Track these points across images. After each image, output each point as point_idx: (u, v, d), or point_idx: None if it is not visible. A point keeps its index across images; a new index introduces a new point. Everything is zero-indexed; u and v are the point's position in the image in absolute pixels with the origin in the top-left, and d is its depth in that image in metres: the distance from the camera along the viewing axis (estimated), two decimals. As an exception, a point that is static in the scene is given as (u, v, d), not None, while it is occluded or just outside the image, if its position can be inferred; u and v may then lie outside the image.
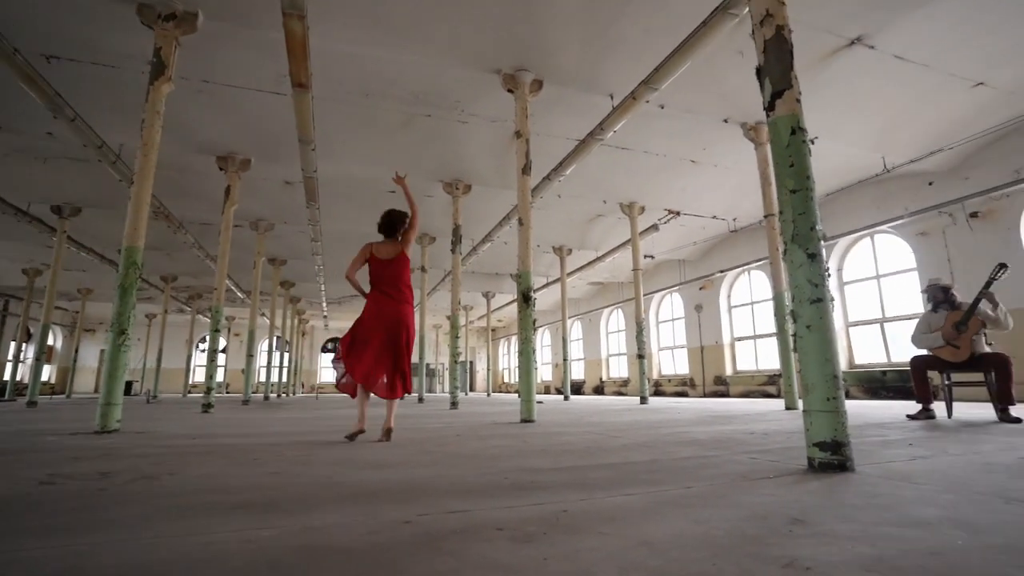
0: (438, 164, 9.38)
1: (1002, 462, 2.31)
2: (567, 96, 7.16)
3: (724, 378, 14.64)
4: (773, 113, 2.49)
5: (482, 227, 12.27)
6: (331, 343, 34.17)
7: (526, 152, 6.01)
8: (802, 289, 2.27)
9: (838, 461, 2.11)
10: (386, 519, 1.51)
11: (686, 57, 5.48)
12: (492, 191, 10.30)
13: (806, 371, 2.22)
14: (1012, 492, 1.71)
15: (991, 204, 8.52)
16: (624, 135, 8.26)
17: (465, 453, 3.00)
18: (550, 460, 2.67)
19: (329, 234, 13.06)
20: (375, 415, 5.39)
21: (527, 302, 5.74)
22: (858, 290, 11.25)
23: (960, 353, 4.69)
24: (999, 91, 7.23)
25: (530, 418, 5.45)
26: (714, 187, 10.63)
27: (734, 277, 14.91)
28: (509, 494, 1.85)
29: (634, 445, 3.25)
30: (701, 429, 4.27)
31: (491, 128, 8.09)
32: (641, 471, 2.28)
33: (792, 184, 2.37)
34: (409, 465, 2.57)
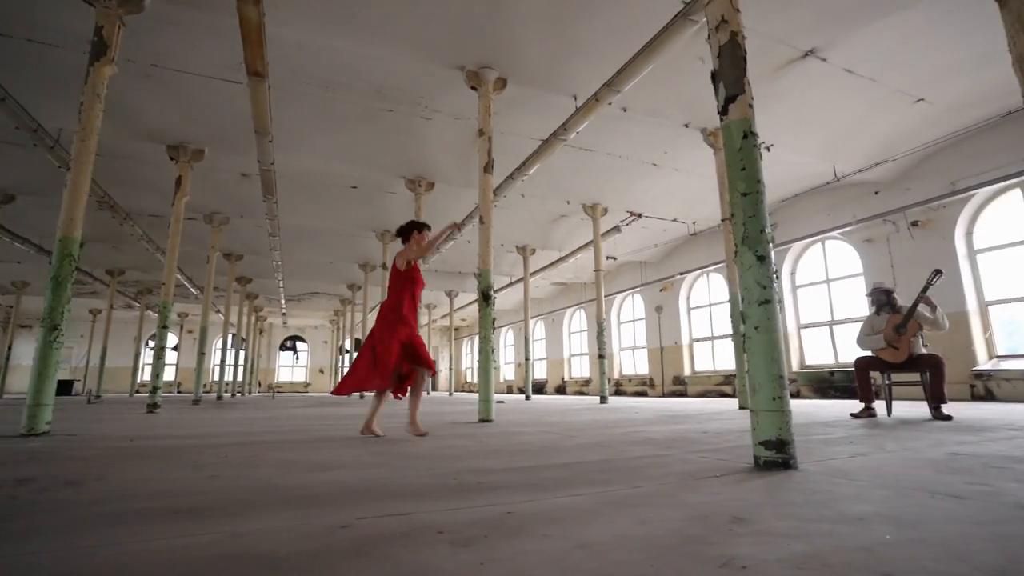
0: (401, 160, 9.24)
1: (931, 458, 2.42)
2: (531, 95, 7.16)
3: (683, 378, 14.96)
4: (727, 117, 2.53)
5: (445, 225, 12.15)
6: (291, 341, 33.32)
7: (488, 150, 5.97)
8: (751, 291, 2.32)
9: (782, 459, 2.16)
10: (323, 523, 1.44)
11: (648, 61, 5.56)
12: (455, 189, 10.22)
13: (754, 371, 2.27)
14: (938, 486, 1.78)
15: (930, 214, 8.99)
16: (587, 136, 8.33)
17: (417, 454, 2.93)
18: (503, 460, 2.64)
19: (288, 229, 12.70)
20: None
21: (487, 301, 5.70)
22: (809, 293, 11.68)
23: (899, 354, 4.91)
24: (938, 108, 7.63)
25: (488, 418, 5.42)
26: (675, 190, 10.84)
27: (693, 279, 15.26)
28: (456, 496, 1.81)
29: (589, 445, 3.25)
30: (657, 428, 4.32)
31: (455, 125, 8.02)
32: (593, 471, 2.28)
33: (743, 187, 2.41)
34: (357, 466, 2.49)
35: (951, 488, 1.76)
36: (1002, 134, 7.91)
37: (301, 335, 33.20)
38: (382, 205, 11.42)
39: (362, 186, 10.46)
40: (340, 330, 25.17)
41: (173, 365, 28.03)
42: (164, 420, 6.00)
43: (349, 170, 9.70)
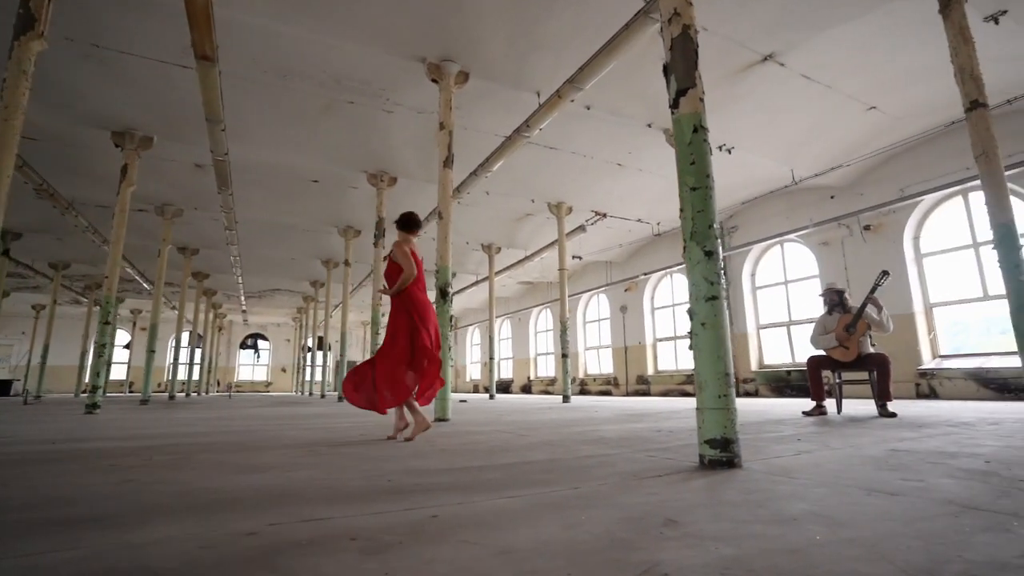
0: (362, 154, 9.02)
1: (872, 455, 2.44)
2: (495, 91, 7.07)
3: (646, 377, 15.12)
4: (677, 111, 2.50)
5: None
6: (251, 339, 32.36)
7: (448, 144, 5.86)
8: (699, 286, 2.29)
9: (727, 458, 2.13)
10: (229, 531, 1.32)
11: (610, 58, 5.54)
12: (419, 185, 10.05)
13: (700, 368, 2.23)
14: (874, 483, 1.77)
15: (881, 218, 9.30)
16: (552, 134, 8.30)
17: (359, 454, 2.81)
18: (447, 461, 2.54)
19: (246, 223, 12.28)
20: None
21: (444, 298, 5.59)
22: (768, 295, 11.95)
23: (849, 353, 5.02)
24: (889, 116, 7.88)
25: (444, 416, 5.31)
26: (639, 191, 10.92)
27: (657, 280, 15.44)
28: (385, 498, 1.70)
29: (540, 444, 3.19)
30: (612, 427, 4.30)
31: (418, 120, 7.86)
32: (536, 471, 2.20)
33: (692, 181, 2.38)
34: (291, 468, 2.36)
35: (886, 485, 1.76)
36: (947, 143, 8.23)
37: (263, 333, 32.29)
38: (344, 200, 11.15)
39: (323, 180, 10.18)
40: (303, 328, 24.55)
41: (124, 364, 26.84)
42: (101, 422, 5.67)
43: (309, 163, 9.42)
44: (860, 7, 5.68)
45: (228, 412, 7.54)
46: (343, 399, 11.74)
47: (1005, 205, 4.49)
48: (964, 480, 1.83)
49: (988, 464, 2.15)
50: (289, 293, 21.85)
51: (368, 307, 23.92)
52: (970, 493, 1.62)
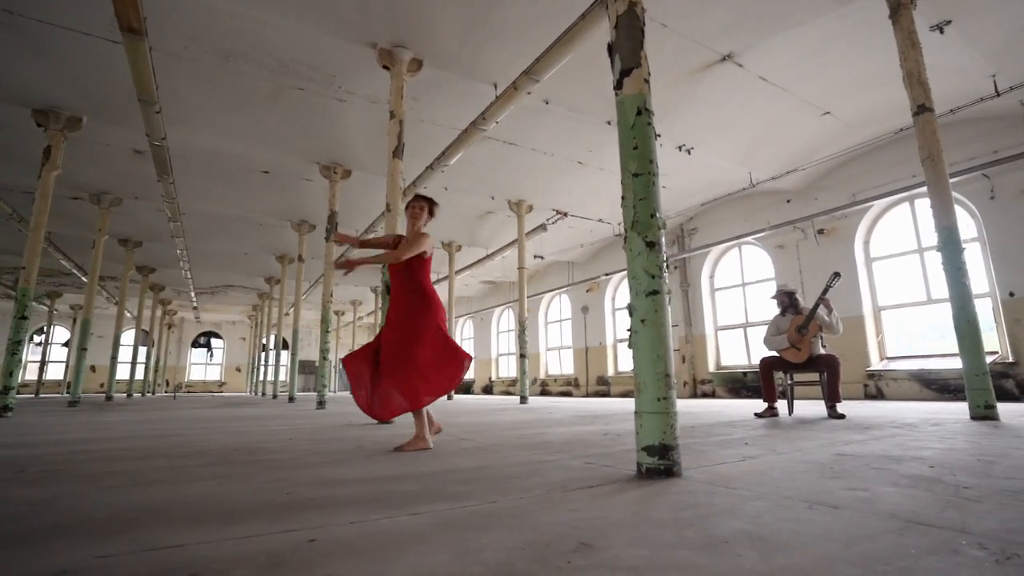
0: (314, 144, 8.63)
1: (818, 460, 2.32)
2: (451, 82, 6.84)
3: (606, 378, 15.11)
4: (621, 92, 2.33)
5: (365, 217, 11.57)
6: (204, 337, 31.06)
7: (399, 134, 5.59)
8: (639, 280, 2.12)
9: (664, 466, 1.96)
10: (42, 566, 1.06)
11: (566, 49, 5.38)
12: (375, 178, 9.70)
13: (639, 369, 2.06)
14: (817, 494, 1.63)
15: (834, 223, 9.48)
16: (512, 131, 8.11)
17: (276, 462, 2.54)
18: (364, 469, 2.30)
19: (193, 215, 11.66)
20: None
21: (389, 295, 5.30)
22: (726, 296, 12.08)
23: (801, 354, 5.00)
24: (841, 122, 8.01)
25: (388, 419, 5.03)
26: (600, 190, 10.86)
27: (619, 280, 15.47)
28: (270, 517, 1.46)
29: (475, 449, 2.97)
30: (560, 430, 4.12)
31: (372, 110, 7.54)
32: (456, 481, 1.99)
33: (635, 167, 2.21)
34: (185, 480, 2.08)
35: (829, 496, 1.61)
36: (895, 150, 8.44)
37: (216, 331, 31.04)
38: (297, 193, 10.70)
39: (274, 171, 9.71)
40: (259, 326, 23.66)
41: (61, 363, 25.33)
42: (4, 427, 5.17)
43: (259, 152, 8.96)
44: (812, 11, 5.69)
45: (163, 414, 7.05)
46: (293, 400, 11.24)
47: (949, 208, 4.53)
48: (908, 488, 1.70)
49: (932, 469, 2.05)
50: (244, 290, 21.01)
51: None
52: (915, 504, 1.49)
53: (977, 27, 5.89)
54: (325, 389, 8.16)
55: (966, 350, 4.31)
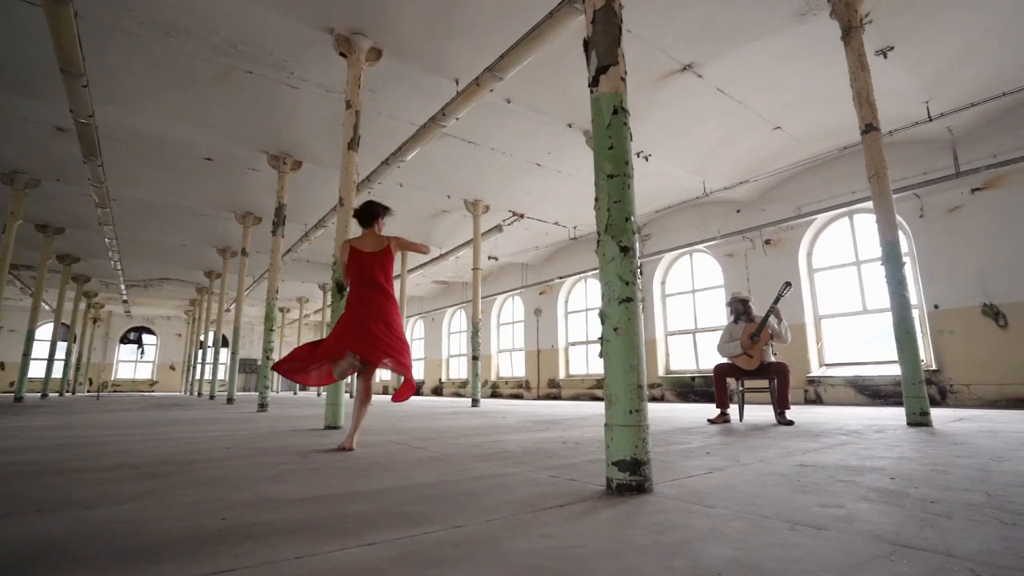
0: (263, 132, 8.16)
1: (782, 471, 2.30)
2: (411, 75, 6.61)
3: (558, 381, 15.16)
4: (597, 89, 2.24)
5: (316, 211, 11.11)
6: (135, 333, 29.09)
7: (355, 125, 5.33)
8: (612, 286, 2.02)
9: (636, 482, 1.87)
10: None
11: (532, 47, 5.28)
12: (327, 171, 9.31)
13: (610, 379, 1.97)
14: (794, 513, 1.58)
15: (780, 234, 9.85)
16: (472, 128, 7.96)
17: (210, 476, 2.29)
18: (311, 486, 2.10)
19: (126, 202, 10.84)
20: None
21: (341, 293, 5.04)
22: (677, 302, 12.35)
23: (753, 361, 5.10)
24: (791, 137, 8.32)
25: (336, 424, 4.77)
26: (557, 193, 10.85)
27: (572, 283, 15.57)
28: (196, 551, 1.26)
29: (431, 459, 2.81)
30: (517, 437, 4.00)
31: (327, 99, 7.20)
32: (414, 500, 1.82)
33: (610, 168, 2.12)
34: (98, 501, 1.81)
35: (807, 515, 1.56)
36: (838, 167, 8.85)
37: (149, 326, 29.14)
38: (243, 182, 10.12)
39: (218, 159, 9.13)
40: (197, 322, 22.35)
41: (-31, 358, 23.07)
42: None
43: (201, 138, 8.39)
44: (771, 27, 5.85)
45: (83, 417, 6.45)
46: (232, 401, 10.61)
47: (892, 224, 4.73)
48: (879, 504, 1.68)
49: (893, 481, 2.06)
50: (181, 283, 19.79)
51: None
52: (892, 523, 1.46)
53: (917, 55, 6.22)
54: (268, 391, 7.71)
55: (905, 359, 4.50)
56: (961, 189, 7.75)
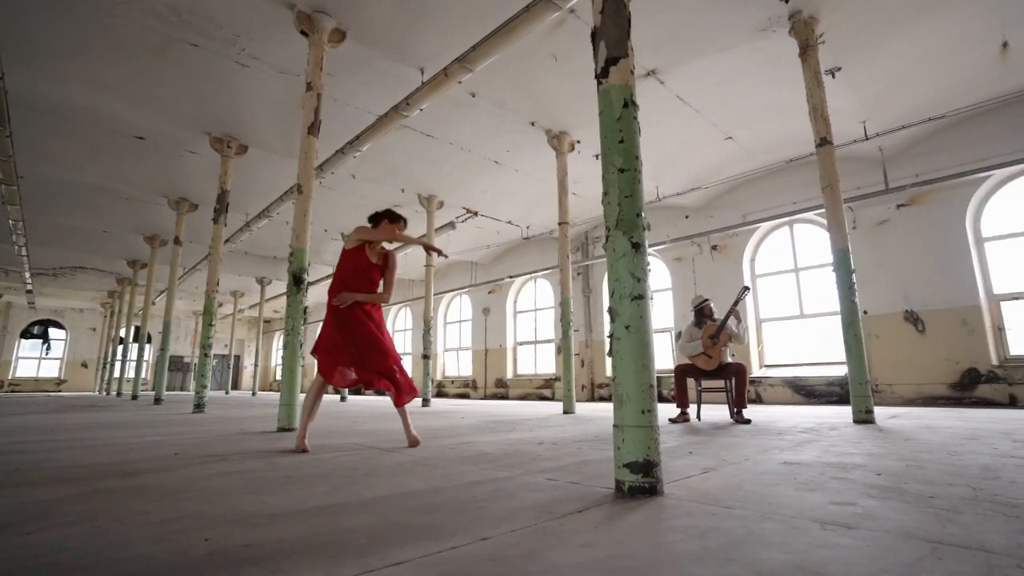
0: (205, 112, 7.58)
1: (772, 470, 2.33)
2: (374, 61, 6.33)
3: (505, 381, 15.12)
4: (606, 81, 2.18)
5: (260, 200, 10.48)
6: (39, 326, 26.40)
7: (316, 109, 5.03)
8: (623, 283, 1.97)
9: (649, 484, 1.82)
10: None
11: (506, 41, 5.18)
12: (275, 158, 8.80)
13: (621, 379, 1.91)
14: (815, 512, 1.57)
15: (726, 240, 10.27)
16: (431, 122, 7.76)
17: (164, 489, 2.04)
18: (294, 497, 1.91)
19: (36, 180, 9.77)
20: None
21: (299, 286, 4.76)
22: (624, 304, 12.60)
23: (712, 362, 5.24)
24: (741, 147, 8.68)
25: (290, 425, 4.48)
26: (513, 192, 10.80)
27: (521, 283, 15.58)
28: (195, 580, 1.08)
29: (411, 464, 2.66)
30: (488, 439, 3.90)
31: (280, 81, 6.78)
32: (417, 510, 1.69)
33: (621, 162, 2.07)
34: (43, 524, 1.56)
35: (828, 514, 1.56)
36: (783, 178, 9.33)
37: (57, 320, 26.54)
38: (178, 165, 9.38)
39: (152, 138, 8.39)
40: (116, 316, 20.58)
41: None
42: None
43: (133, 114, 7.67)
44: (735, 39, 6.04)
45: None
46: (160, 401, 9.81)
47: (843, 232, 4.99)
48: (885, 500, 1.72)
49: (881, 477, 2.13)
50: (99, 273, 18.13)
51: (204, 294, 20.86)
52: (911, 519, 1.48)
53: (860, 77, 6.63)
54: (205, 390, 7.16)
55: (852, 361, 4.77)
56: (889, 204, 8.36)
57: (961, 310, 7.63)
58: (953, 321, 7.68)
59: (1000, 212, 7.78)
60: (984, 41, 6.20)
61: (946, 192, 7.89)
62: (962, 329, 7.60)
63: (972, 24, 5.93)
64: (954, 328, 7.65)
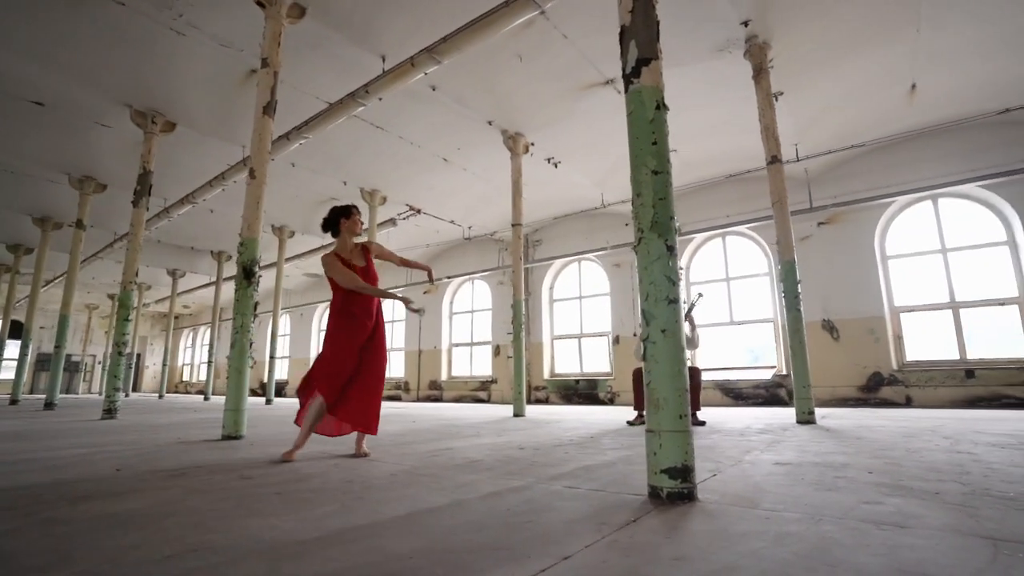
0: (128, 81, 6.79)
1: (775, 471, 2.41)
2: (333, 43, 5.97)
3: (439, 383, 14.86)
4: (638, 81, 2.15)
5: (183, 184, 9.57)
6: None
7: (272, 87, 4.64)
8: (659, 285, 1.95)
9: (687, 490, 1.81)
10: None
11: (481, 34, 5.05)
12: (206, 140, 8.07)
13: (658, 384, 1.88)
14: (855, 510, 1.62)
15: (664, 248, 10.70)
16: (383, 113, 7.45)
17: (141, 512, 1.75)
18: (305, 517, 1.70)
19: None
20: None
21: (249, 279, 4.36)
22: (564, 308, 12.80)
23: (667, 366, 5.40)
24: (684, 161, 9.08)
25: (237, 433, 4.08)
26: (459, 191, 10.64)
27: (459, 284, 15.39)
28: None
29: (406, 474, 2.49)
30: (461, 444, 3.76)
31: (221, 55, 6.21)
32: (464, 529, 1.56)
33: (655, 164, 2.05)
34: (15, 563, 1.27)
35: (869, 514, 1.62)
36: (719, 192, 9.88)
37: (-94, 310, 22.75)
38: (86, 139, 8.32)
39: (55, 105, 7.37)
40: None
41: None
42: None
43: (35, 75, 6.69)
44: (692, 56, 6.30)
45: None
46: (51, 406, 8.63)
47: (790, 245, 5.33)
48: (901, 498, 1.80)
49: (872, 475, 2.25)
50: (-35, 258, 15.76)
51: (103, 286, 18.70)
52: (949, 517, 1.55)
53: (798, 103, 7.16)
54: (118, 393, 6.38)
55: (797, 367, 5.10)
56: (811, 221, 9.09)
57: (869, 320, 8.44)
58: (862, 330, 8.47)
59: (902, 233, 8.71)
60: (897, 82, 6.90)
61: (859, 213, 8.71)
62: (869, 337, 8.40)
63: (888, 66, 6.58)
64: (863, 336, 8.45)
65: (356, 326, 3.05)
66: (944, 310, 8.08)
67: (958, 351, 7.86)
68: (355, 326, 3.05)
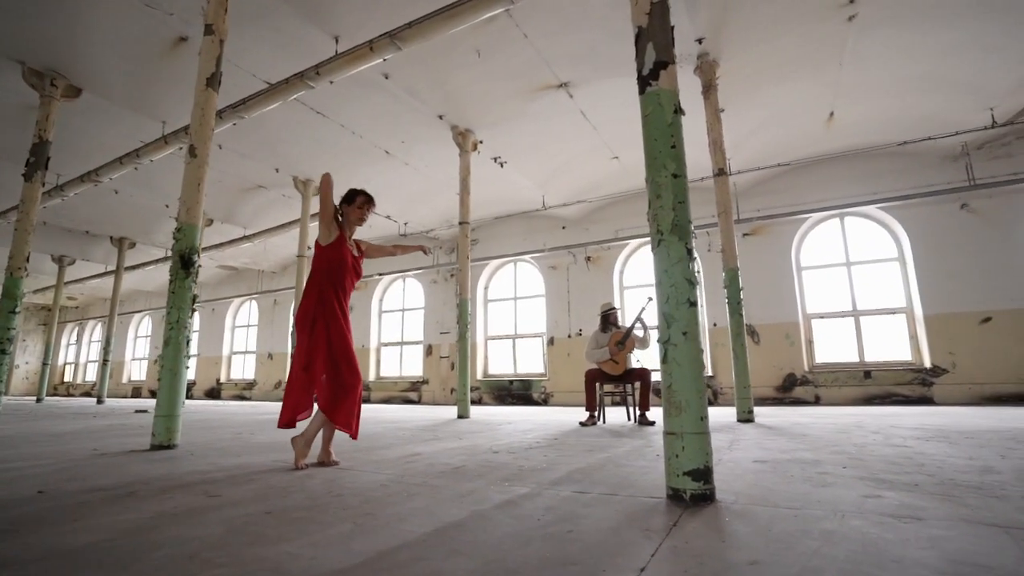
0: (23, 37, 5.90)
1: (762, 468, 2.50)
2: (280, 18, 5.53)
3: (368, 383, 14.31)
4: (656, 83, 2.15)
5: (83, 160, 8.48)
6: None
7: (218, 58, 4.21)
8: (679, 288, 1.95)
9: (709, 491, 1.82)
10: None
11: (448, 24, 4.88)
12: (117, 110, 7.21)
13: (680, 386, 1.88)
14: (867, 504, 1.71)
15: (600, 252, 11.01)
16: (326, 98, 7.05)
17: (104, 546, 1.49)
18: (320, 541, 1.52)
19: None
20: None
21: (188, 269, 3.92)
22: (498, 308, 12.78)
23: (618, 367, 5.53)
24: (624, 168, 9.39)
25: (170, 442, 3.65)
26: (397, 186, 10.30)
27: (389, 282, 14.93)
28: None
29: (396, 485, 2.32)
30: (429, 449, 3.61)
31: (144, 15, 5.56)
32: (508, 544, 1.46)
33: (674, 168, 2.06)
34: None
35: (879, 507, 1.71)
36: (653, 200, 10.29)
37: None
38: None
39: None
40: None
41: None
42: None
43: None
44: (643, 66, 6.49)
45: None
46: None
47: (734, 254, 5.65)
48: (893, 491, 1.93)
49: (846, 470, 2.40)
50: None
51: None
52: (948, 508, 1.67)
53: (735, 120, 7.60)
54: (3, 396, 5.50)
55: (739, 368, 5.41)
56: (737, 233, 9.69)
57: (785, 325, 9.17)
58: (779, 334, 9.18)
59: (813, 247, 9.55)
60: (819, 108, 7.55)
61: (779, 227, 9.44)
62: (785, 341, 9.12)
63: (814, 93, 7.19)
64: (780, 340, 9.16)
65: (345, 323, 2.91)
66: (847, 317, 8.96)
67: (858, 354, 8.74)
68: (345, 323, 2.91)
